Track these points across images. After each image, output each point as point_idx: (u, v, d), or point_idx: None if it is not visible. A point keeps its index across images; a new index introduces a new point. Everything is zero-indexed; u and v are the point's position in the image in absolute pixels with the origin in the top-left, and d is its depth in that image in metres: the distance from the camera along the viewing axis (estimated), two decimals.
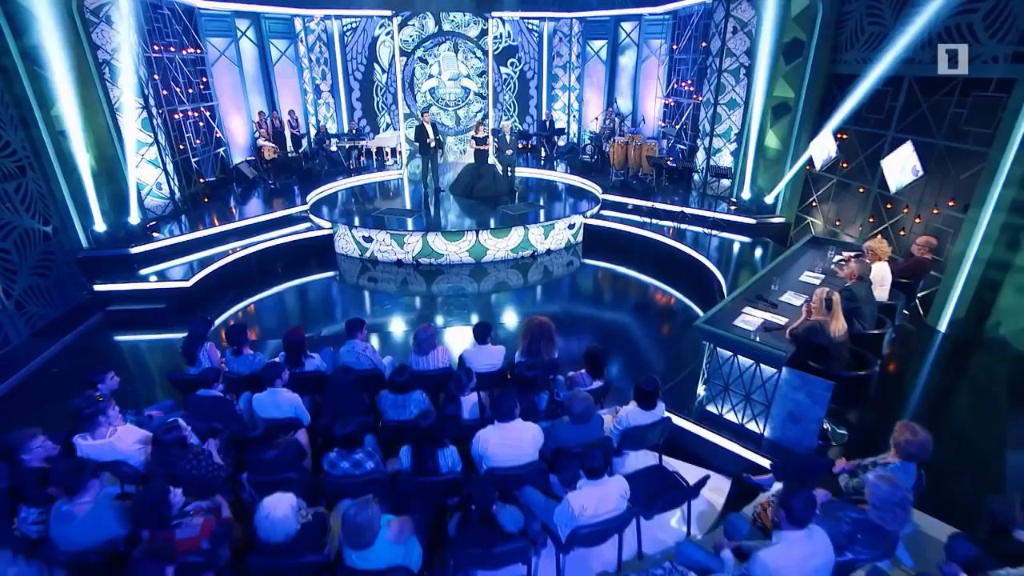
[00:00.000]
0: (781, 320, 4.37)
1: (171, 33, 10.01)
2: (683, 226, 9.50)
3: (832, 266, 5.68)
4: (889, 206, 7.40)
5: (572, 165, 12.89)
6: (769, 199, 9.52)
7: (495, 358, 4.54)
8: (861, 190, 7.93)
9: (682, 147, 12.26)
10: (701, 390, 4.65)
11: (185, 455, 3.16)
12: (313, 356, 4.50)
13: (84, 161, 7.22)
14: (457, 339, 6.76)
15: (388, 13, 13.31)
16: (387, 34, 13.89)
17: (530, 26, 14.48)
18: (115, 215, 8.08)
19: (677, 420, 4.28)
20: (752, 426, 4.18)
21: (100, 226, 7.67)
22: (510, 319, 7.44)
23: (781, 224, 9.44)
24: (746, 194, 9.83)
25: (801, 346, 3.98)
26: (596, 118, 13.38)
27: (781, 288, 5.04)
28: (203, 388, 3.91)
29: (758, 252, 8.76)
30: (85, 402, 3.16)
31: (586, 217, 9.92)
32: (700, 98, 11.31)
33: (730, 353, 4.11)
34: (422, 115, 10.25)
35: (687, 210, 9.69)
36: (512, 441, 3.32)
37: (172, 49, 9.98)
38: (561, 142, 14.69)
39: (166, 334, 6.94)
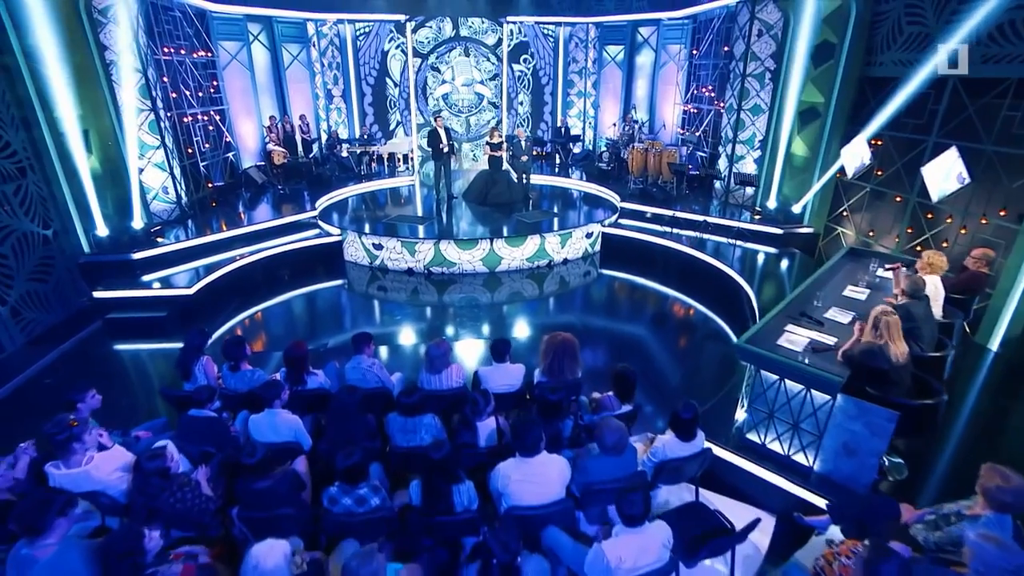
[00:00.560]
0: (829, 339, 3.96)
1: (182, 36, 9.84)
2: (706, 236, 9.09)
3: (878, 279, 5.25)
4: (930, 216, 6.95)
5: (588, 172, 12.54)
6: (797, 208, 9.09)
7: (514, 378, 4.17)
8: (898, 199, 7.49)
9: (702, 154, 11.87)
10: (740, 415, 4.24)
11: (168, 486, 2.81)
12: (316, 373, 4.16)
13: (84, 163, 6.97)
14: (469, 353, 6.40)
15: (401, 17, 13.18)
16: (397, 47, 13.73)
17: (546, 31, 14.22)
18: (119, 219, 7.85)
19: (714, 449, 3.86)
20: (800, 458, 3.76)
21: (102, 230, 7.42)
22: (526, 332, 7.07)
23: (809, 234, 9.00)
24: (772, 203, 9.40)
25: (857, 370, 3.56)
26: (614, 124, 13.04)
27: (824, 304, 4.62)
28: (196, 408, 3.58)
29: (787, 263, 8.33)
30: (57, 427, 2.82)
31: (604, 226, 9.55)
32: (722, 104, 10.92)
33: (776, 377, 3.70)
34: (435, 119, 9.96)
35: (710, 219, 9.28)
36: (536, 478, 2.94)
37: (182, 52, 9.81)
38: (576, 149, 14.36)
39: (167, 343, 6.65)
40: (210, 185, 10.41)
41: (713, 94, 11.50)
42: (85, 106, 7.36)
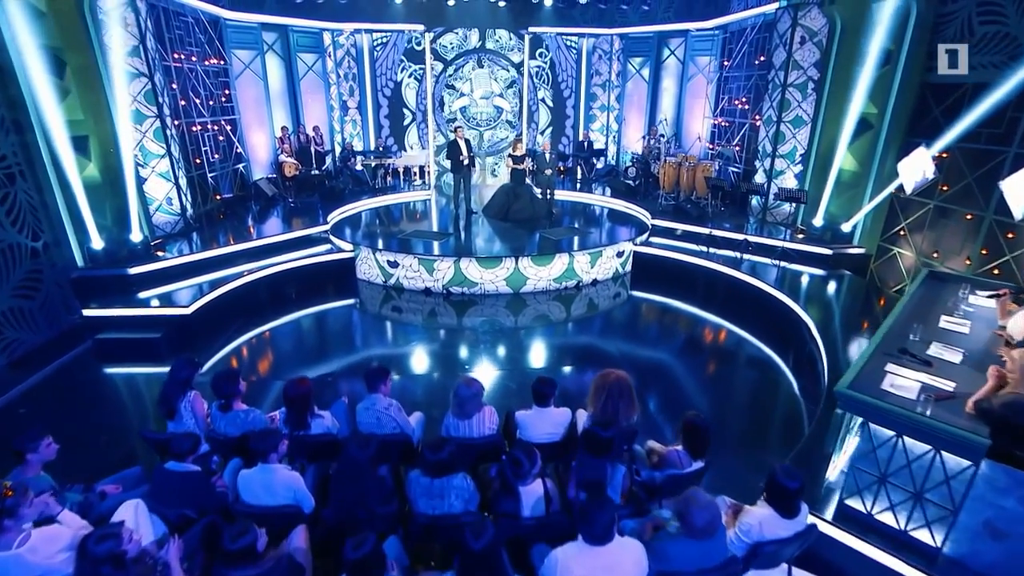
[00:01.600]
0: (947, 384, 3.23)
1: (194, 42, 9.45)
2: (747, 256, 8.36)
3: (971, 308, 4.51)
4: (1011, 235, 6.20)
5: (614, 188, 11.90)
6: (847, 227, 8.36)
7: (558, 425, 3.48)
8: (969, 217, 6.76)
9: (735, 169, 11.22)
10: (832, 474, 3.50)
11: None
12: (322, 415, 3.48)
13: (74, 170, 6.42)
14: (491, 382, 5.71)
15: (420, 27, 12.79)
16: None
17: (568, 42, 13.75)
18: (118, 231, 7.32)
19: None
20: (922, 535, 3.00)
21: (97, 243, 6.87)
22: (555, 361, 6.37)
23: (860, 255, 8.26)
24: (818, 220, 8.68)
25: (997, 427, 2.83)
26: (643, 137, 12.41)
27: (922, 338, 3.89)
28: (174, 460, 2.92)
29: (839, 287, 7.59)
30: None
31: (636, 244, 8.87)
32: (759, 117, 10.29)
33: (892, 433, 2.97)
34: (454, 130, 9.42)
35: (751, 238, 8.57)
36: (607, 572, 2.23)
37: (193, 59, 9.40)
38: (599, 164, 13.77)
39: (161, 367, 6.03)
40: (218, 197, 9.92)
41: (747, 106, 10.89)
42: (86, 110, 6.90)
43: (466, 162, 9.15)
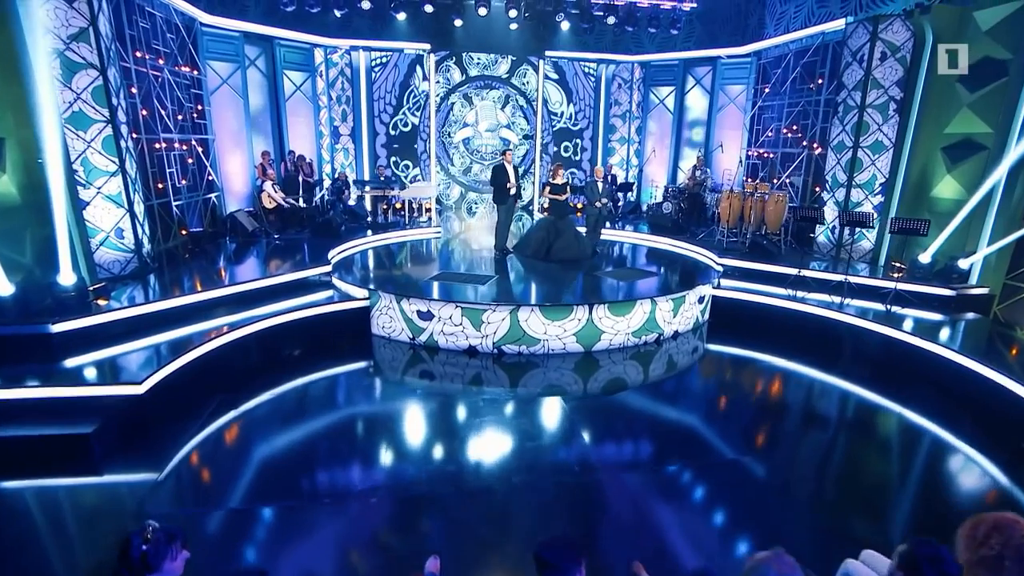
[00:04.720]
0: None
1: (162, 43, 7.67)
2: (842, 299, 6.87)
3: None
4: None
5: (657, 224, 10.46)
6: (964, 264, 7.04)
7: None
8: None
9: (791, 204, 9.99)
10: None
11: None
12: None
13: None
14: (582, 492, 3.83)
15: (426, 47, 11.42)
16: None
17: (586, 69, 12.60)
18: (41, 271, 5.23)
19: None
20: None
21: (6, 287, 4.74)
22: (677, 455, 4.55)
23: (982, 296, 6.93)
24: (925, 257, 7.34)
25: None
26: (694, 166, 11.04)
27: None
28: None
29: (986, 335, 6.15)
30: None
31: (714, 287, 7.30)
32: (817, 145, 9.17)
33: None
34: (503, 154, 7.89)
35: (852, 279, 7.12)
36: None
37: (161, 61, 7.59)
38: (621, 201, 12.43)
39: (93, 478, 3.91)
40: (184, 232, 7.90)
41: (800, 134, 9.78)
42: (3, 106, 4.97)
43: (513, 191, 7.51)
